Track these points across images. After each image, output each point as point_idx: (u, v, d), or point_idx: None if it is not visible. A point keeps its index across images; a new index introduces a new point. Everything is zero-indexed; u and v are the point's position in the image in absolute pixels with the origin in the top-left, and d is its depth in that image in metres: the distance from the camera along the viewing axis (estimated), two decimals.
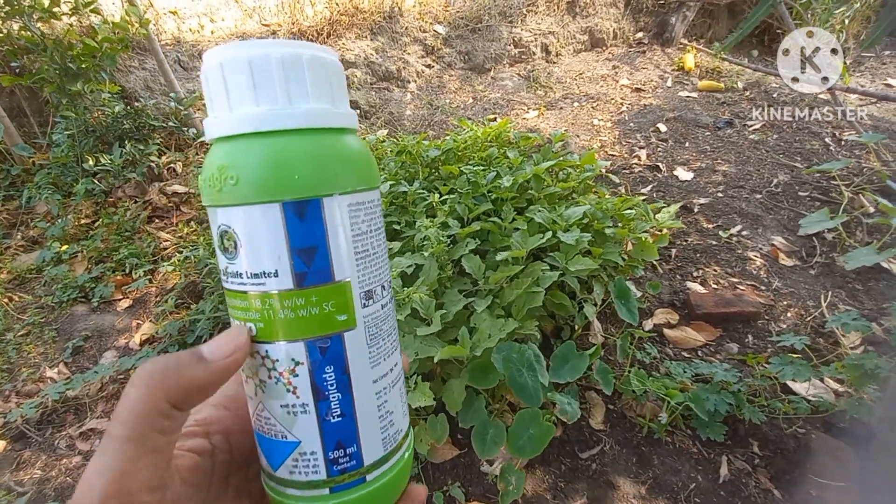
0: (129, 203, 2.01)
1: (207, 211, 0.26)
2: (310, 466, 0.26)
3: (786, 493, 1.04)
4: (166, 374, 0.22)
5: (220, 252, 0.25)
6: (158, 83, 2.36)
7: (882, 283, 1.53)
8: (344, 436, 0.26)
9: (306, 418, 0.25)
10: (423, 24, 2.99)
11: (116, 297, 1.68)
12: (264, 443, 0.26)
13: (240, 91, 0.23)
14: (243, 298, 0.25)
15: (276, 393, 0.25)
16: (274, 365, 0.25)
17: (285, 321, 0.24)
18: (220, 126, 0.24)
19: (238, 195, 0.23)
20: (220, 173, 0.23)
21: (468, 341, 1.00)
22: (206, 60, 0.24)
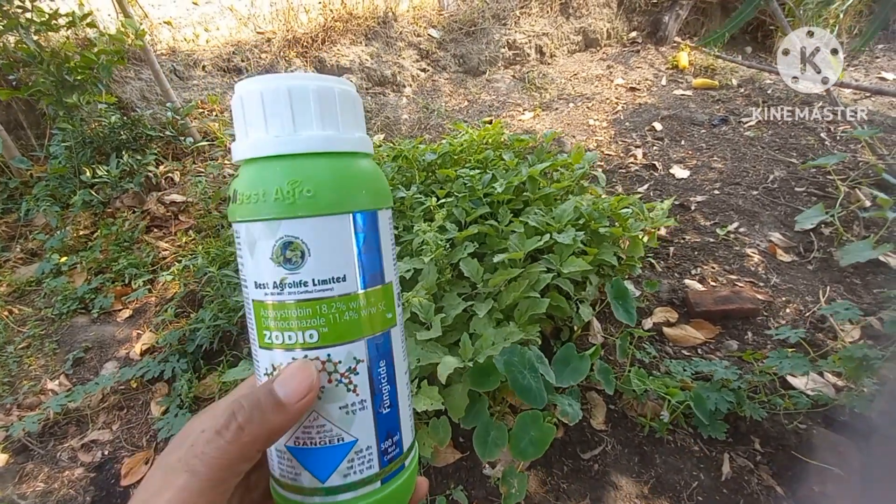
0: (128, 213, 2.01)
1: (249, 226, 0.26)
2: (365, 462, 0.27)
3: (788, 490, 1.04)
4: (253, 424, 0.24)
5: (276, 265, 0.26)
6: (154, 93, 2.37)
7: (880, 277, 1.53)
8: (391, 425, 0.29)
9: (364, 414, 0.27)
10: (418, 29, 3.00)
11: (116, 308, 1.68)
12: (311, 456, 0.27)
13: (306, 116, 0.26)
14: (305, 307, 0.26)
15: (335, 395, 0.26)
16: (336, 367, 0.26)
17: (350, 322, 0.26)
18: (282, 145, 0.26)
19: (314, 207, 0.25)
20: (293, 187, 0.25)
21: (470, 348, 1.00)
22: (266, 85, 0.26)
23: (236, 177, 0.27)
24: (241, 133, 0.27)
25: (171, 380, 1.37)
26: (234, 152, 0.28)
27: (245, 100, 0.27)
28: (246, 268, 0.27)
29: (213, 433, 0.24)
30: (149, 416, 1.32)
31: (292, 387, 0.24)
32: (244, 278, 0.27)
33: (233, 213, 0.27)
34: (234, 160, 0.28)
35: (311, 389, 0.25)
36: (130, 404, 1.36)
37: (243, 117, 0.27)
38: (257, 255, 0.26)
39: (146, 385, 1.39)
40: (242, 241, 0.27)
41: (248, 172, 0.27)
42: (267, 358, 0.27)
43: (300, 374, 0.25)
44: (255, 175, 0.26)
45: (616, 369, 1.29)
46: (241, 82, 0.27)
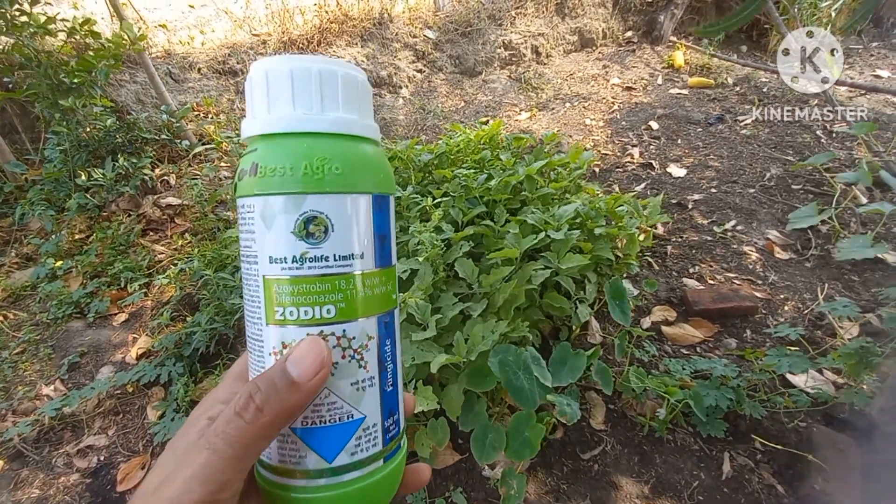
0: (123, 217, 2.00)
1: (269, 199, 0.26)
2: (371, 440, 0.28)
3: (789, 489, 1.03)
4: (270, 405, 0.24)
5: (297, 238, 0.26)
6: (150, 96, 2.36)
7: (878, 274, 1.53)
8: (393, 403, 0.30)
9: (372, 391, 0.28)
10: (414, 30, 3.00)
11: (112, 312, 1.67)
12: (319, 435, 0.27)
13: (333, 99, 0.27)
14: (324, 281, 0.26)
15: (348, 371, 0.27)
16: (350, 343, 0.27)
17: (364, 299, 0.27)
18: (312, 123, 0.27)
19: (340, 184, 0.27)
20: (322, 163, 0.26)
21: (463, 346, 0.99)
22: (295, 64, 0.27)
23: (252, 151, 0.27)
24: (262, 108, 0.27)
25: (167, 384, 1.36)
26: (252, 126, 0.28)
27: (271, 76, 0.27)
28: (258, 242, 0.27)
29: (233, 414, 0.24)
30: (145, 421, 1.31)
31: (305, 365, 0.25)
32: (253, 254, 0.27)
33: (248, 186, 0.27)
34: (252, 134, 0.28)
35: (323, 366, 0.25)
36: (126, 409, 1.35)
37: (266, 93, 0.27)
38: (276, 228, 0.26)
39: (142, 389, 1.38)
40: (258, 215, 0.27)
41: (271, 146, 0.27)
42: (277, 335, 0.27)
43: (312, 351, 0.25)
44: (280, 149, 0.27)
45: (615, 369, 1.29)
46: (264, 60, 0.28)
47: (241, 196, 0.28)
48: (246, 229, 0.28)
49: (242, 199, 0.28)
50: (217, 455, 0.23)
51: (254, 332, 0.28)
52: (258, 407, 0.24)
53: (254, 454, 0.25)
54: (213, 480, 0.23)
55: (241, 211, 0.28)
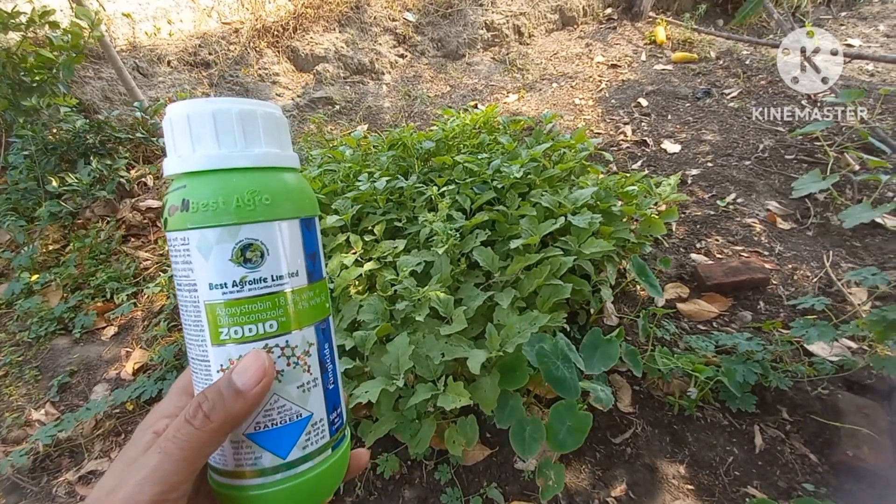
0: (101, 223, 1.87)
1: (205, 232, 0.28)
2: (319, 433, 0.31)
3: (822, 456, 1.04)
4: (217, 412, 0.27)
5: (236, 265, 0.28)
6: (118, 92, 2.20)
7: (878, 239, 1.56)
8: (336, 399, 0.33)
9: (316, 391, 0.31)
10: (393, 13, 2.89)
11: (100, 326, 1.56)
12: (272, 436, 0.29)
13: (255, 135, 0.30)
14: (265, 300, 0.29)
15: (293, 377, 0.30)
16: (293, 351, 0.30)
17: (302, 311, 0.30)
18: (239, 159, 0.29)
19: (271, 212, 0.29)
20: (252, 195, 0.28)
21: (497, 338, 0.95)
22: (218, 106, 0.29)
23: (180, 188, 0.29)
24: (185, 147, 0.29)
25: None
26: (176, 164, 0.29)
27: (193, 118, 0.28)
28: (196, 272, 0.28)
29: (183, 421, 0.26)
30: None
31: (248, 375, 0.27)
32: (191, 283, 0.28)
33: (180, 221, 0.28)
34: (177, 171, 0.29)
35: (265, 375, 0.27)
36: (128, 428, 1.26)
37: (188, 133, 0.29)
38: (213, 258, 0.28)
39: (143, 406, 1.29)
40: (193, 247, 0.28)
41: (200, 183, 0.28)
42: (222, 354, 0.29)
43: (254, 363, 0.27)
44: (210, 185, 0.28)
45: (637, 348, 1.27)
46: (182, 103, 0.29)
47: (173, 230, 0.29)
48: (181, 260, 0.29)
49: (175, 233, 0.29)
50: (169, 458, 0.25)
51: (198, 354, 0.29)
52: (206, 414, 0.26)
53: (202, 457, 0.27)
54: (164, 481, 0.25)
55: (173, 244, 0.29)
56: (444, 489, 1.05)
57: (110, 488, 0.26)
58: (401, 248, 1.26)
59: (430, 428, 0.98)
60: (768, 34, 3.15)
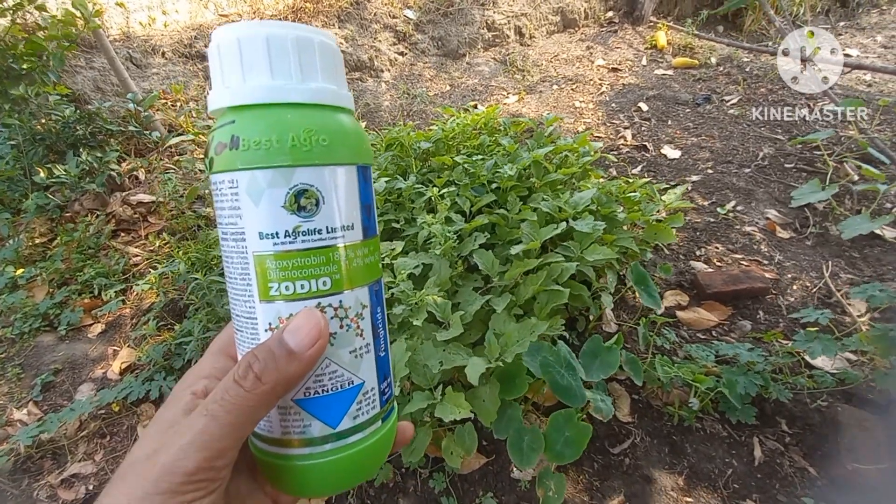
0: (90, 217, 1.83)
1: (256, 174, 0.25)
2: (370, 403, 0.29)
3: (821, 470, 1.03)
4: (269, 373, 0.24)
5: (289, 213, 0.25)
6: (110, 83, 2.15)
7: (877, 250, 1.55)
8: (386, 367, 0.30)
9: (369, 357, 0.29)
10: (393, 10, 2.86)
11: (86, 323, 1.52)
12: (322, 403, 0.27)
13: (312, 68, 0.27)
14: (319, 254, 0.26)
15: (345, 341, 0.27)
16: (347, 312, 0.27)
17: (356, 269, 0.27)
18: (295, 93, 0.26)
19: (329, 156, 0.26)
20: (309, 135, 0.25)
21: (496, 346, 0.93)
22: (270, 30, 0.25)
23: (228, 123, 0.26)
24: (235, 77, 0.26)
25: (157, 400, 1.24)
26: (224, 97, 0.26)
27: (244, 43, 0.25)
28: (245, 218, 0.25)
29: (232, 381, 0.24)
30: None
31: (301, 335, 0.25)
32: (239, 231, 0.26)
33: (228, 161, 0.25)
34: (225, 104, 0.26)
35: (321, 336, 0.25)
36: (114, 430, 1.23)
37: (239, 61, 0.25)
38: (265, 203, 0.25)
39: (130, 408, 1.26)
40: (243, 191, 0.25)
41: (251, 118, 0.25)
42: (272, 311, 0.26)
43: (308, 322, 0.25)
44: (263, 121, 0.25)
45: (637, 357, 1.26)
46: (232, 25, 0.26)
47: (219, 171, 0.26)
48: (229, 206, 0.26)
49: (221, 175, 0.26)
50: (216, 422, 0.23)
51: (243, 311, 0.27)
52: (257, 375, 0.24)
53: (251, 423, 0.25)
54: (210, 447, 0.23)
55: (219, 187, 0.26)
56: (438, 498, 1.03)
57: (150, 451, 0.23)
58: (399, 249, 1.24)
59: (426, 437, 0.96)
60: (768, 41, 3.15)
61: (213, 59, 0.27)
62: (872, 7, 3.52)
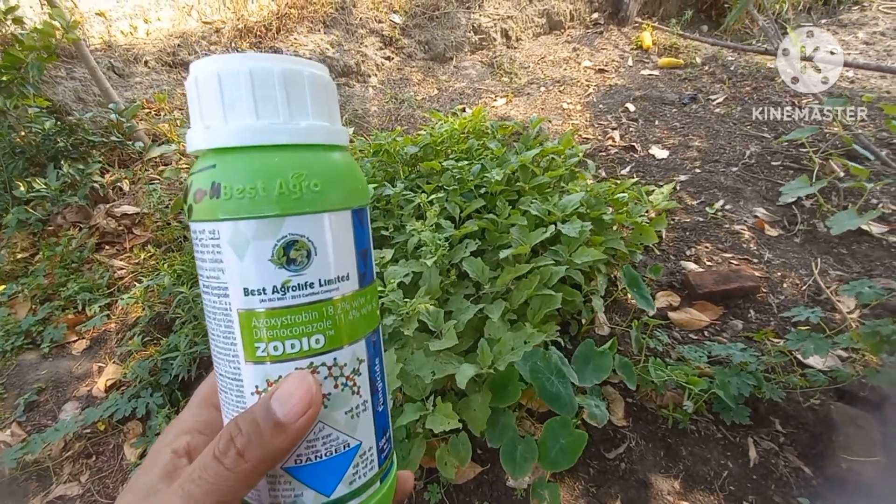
0: (73, 231, 1.79)
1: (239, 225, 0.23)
2: (368, 464, 0.27)
3: (816, 469, 1.03)
4: (253, 449, 0.22)
5: (277, 266, 0.23)
6: (92, 94, 2.12)
7: (864, 246, 1.57)
8: (385, 422, 0.28)
9: (366, 415, 0.26)
10: (379, 14, 2.85)
11: (70, 340, 1.48)
12: (315, 471, 0.25)
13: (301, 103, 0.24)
14: (311, 310, 0.24)
15: (341, 401, 0.25)
16: (342, 370, 0.25)
17: (352, 322, 0.25)
18: (282, 134, 0.24)
19: (321, 202, 0.24)
20: (298, 180, 0.23)
21: (489, 354, 0.92)
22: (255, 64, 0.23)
23: (208, 168, 0.24)
24: (216, 116, 0.24)
25: (145, 417, 1.22)
26: (204, 139, 0.24)
27: (225, 79, 0.23)
28: (228, 273, 0.23)
29: (212, 458, 0.22)
30: (123, 462, 1.17)
31: (292, 404, 0.22)
32: (222, 286, 0.24)
33: (209, 210, 0.23)
34: (205, 147, 0.24)
35: (312, 404, 0.23)
36: (100, 450, 1.20)
37: (220, 98, 0.23)
38: (250, 257, 0.23)
39: (116, 426, 1.23)
40: (225, 243, 0.23)
41: (234, 162, 0.23)
42: (259, 373, 0.24)
43: (300, 388, 0.23)
44: (247, 165, 0.23)
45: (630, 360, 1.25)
46: (212, 59, 0.24)
47: (200, 220, 0.24)
48: (210, 258, 0.24)
49: (202, 224, 0.24)
50: (193, 502, 0.22)
51: (228, 371, 0.25)
52: (239, 451, 0.22)
53: (233, 502, 0.23)
54: None
55: (200, 237, 0.24)
56: None
57: None
58: (388, 257, 1.22)
59: (420, 448, 0.94)
60: (752, 40, 3.18)
61: (191, 95, 0.25)
62: (853, 4, 3.57)
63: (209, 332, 0.26)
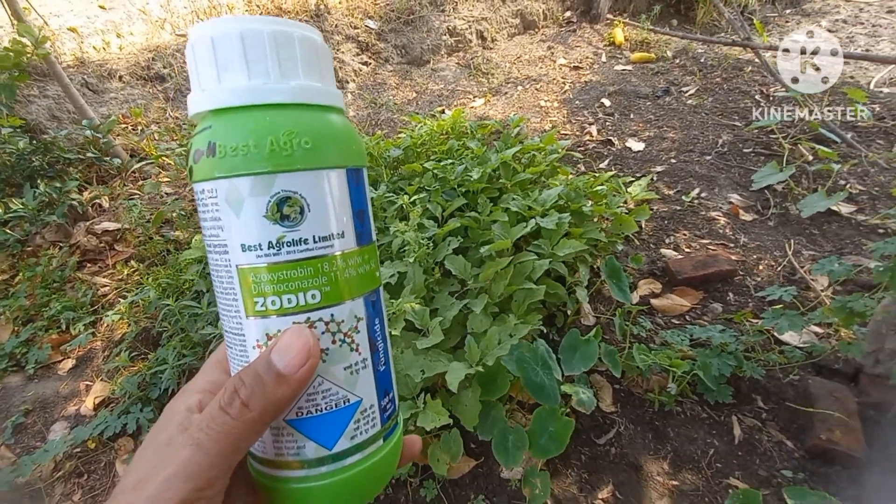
0: (53, 250, 1.77)
1: (235, 182, 0.24)
2: (370, 421, 0.27)
3: (797, 442, 1.06)
4: (256, 399, 0.23)
5: (271, 222, 0.24)
6: (66, 111, 2.09)
7: (835, 225, 1.62)
8: (388, 382, 0.29)
9: (366, 373, 0.27)
10: (354, 21, 2.86)
11: (56, 360, 1.47)
12: (317, 424, 0.26)
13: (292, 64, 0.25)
14: (306, 266, 0.25)
15: (340, 356, 0.26)
16: (339, 327, 0.26)
17: (349, 280, 0.26)
18: (272, 93, 0.24)
19: (313, 159, 0.25)
20: (289, 138, 0.24)
21: (476, 350, 0.94)
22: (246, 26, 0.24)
23: (206, 129, 0.25)
24: (210, 79, 0.25)
25: (136, 433, 1.21)
26: (201, 101, 0.25)
27: (218, 41, 0.24)
28: (227, 230, 0.25)
29: (218, 409, 0.23)
30: (115, 479, 1.16)
31: (291, 356, 0.23)
32: (222, 243, 0.25)
33: (206, 169, 0.24)
34: (201, 109, 0.25)
35: (311, 356, 0.24)
36: (91, 468, 1.19)
37: (214, 61, 0.24)
38: (246, 213, 0.24)
39: (107, 443, 1.22)
40: (222, 200, 0.24)
41: (228, 122, 0.24)
42: (259, 327, 0.25)
43: (298, 341, 0.24)
44: (240, 125, 0.24)
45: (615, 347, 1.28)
46: (206, 23, 0.25)
47: (199, 181, 0.25)
48: (210, 217, 0.25)
49: (201, 184, 0.25)
50: (201, 451, 0.23)
51: (232, 326, 0.26)
52: (243, 402, 0.23)
53: (240, 450, 0.24)
54: (196, 477, 0.22)
55: (200, 197, 0.26)
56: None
57: (137, 480, 0.23)
58: None
59: None
60: (721, 33, 3.26)
61: (189, 59, 0.26)
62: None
63: (215, 291, 0.27)
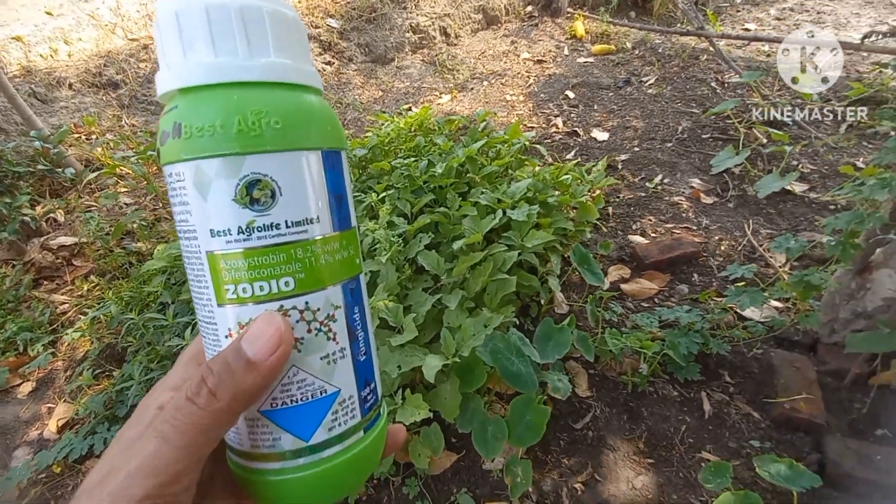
0: (5, 269, 1.68)
1: (202, 164, 0.23)
2: (349, 413, 0.26)
3: (763, 413, 1.11)
4: (224, 388, 0.22)
5: (241, 206, 0.23)
6: (13, 122, 1.99)
7: (790, 204, 1.69)
8: (368, 373, 0.28)
9: (344, 363, 0.26)
10: (315, 20, 2.82)
11: (14, 383, 1.40)
12: (292, 415, 0.25)
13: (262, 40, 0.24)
14: (278, 252, 0.24)
15: (316, 346, 0.25)
16: (315, 315, 0.25)
17: (325, 267, 0.25)
18: (240, 71, 0.23)
19: (284, 140, 0.23)
20: (258, 117, 0.23)
21: (452, 343, 0.94)
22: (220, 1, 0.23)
23: (172, 109, 0.24)
24: (176, 55, 0.23)
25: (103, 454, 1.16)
26: (167, 79, 0.24)
27: (182, 16, 0.23)
28: (195, 215, 0.23)
29: (184, 399, 0.22)
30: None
31: (261, 343, 0.23)
32: (191, 228, 0.24)
33: (173, 151, 0.23)
34: (168, 89, 0.24)
35: (282, 342, 0.23)
36: (58, 493, 1.13)
37: (178, 37, 0.23)
38: (214, 197, 0.23)
39: (73, 466, 1.17)
40: (190, 183, 0.23)
41: (194, 102, 0.23)
42: (231, 315, 0.24)
43: (268, 327, 0.23)
44: (206, 104, 0.23)
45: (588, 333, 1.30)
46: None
47: (166, 163, 0.24)
48: (179, 201, 0.24)
49: (169, 167, 0.24)
50: (167, 444, 0.21)
51: (205, 315, 0.25)
52: (211, 391, 0.22)
53: (209, 442, 0.23)
54: (161, 472, 0.21)
55: (169, 180, 0.24)
56: (414, 503, 1.02)
57: (101, 477, 0.22)
58: None
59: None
60: (676, 23, 3.36)
61: (155, 36, 0.24)
62: None
63: (188, 279, 0.26)
